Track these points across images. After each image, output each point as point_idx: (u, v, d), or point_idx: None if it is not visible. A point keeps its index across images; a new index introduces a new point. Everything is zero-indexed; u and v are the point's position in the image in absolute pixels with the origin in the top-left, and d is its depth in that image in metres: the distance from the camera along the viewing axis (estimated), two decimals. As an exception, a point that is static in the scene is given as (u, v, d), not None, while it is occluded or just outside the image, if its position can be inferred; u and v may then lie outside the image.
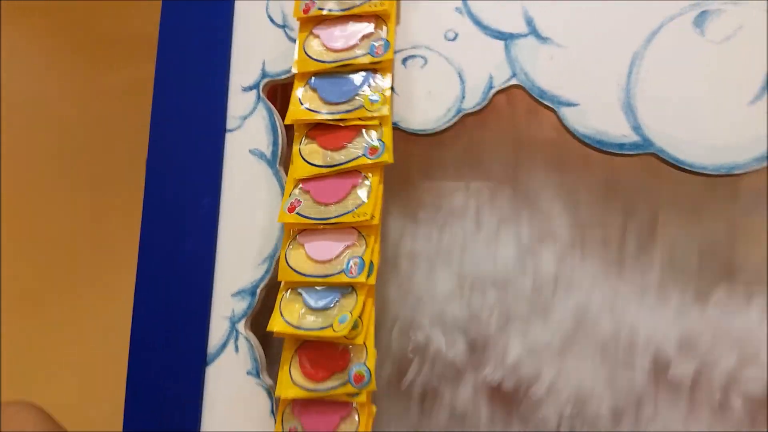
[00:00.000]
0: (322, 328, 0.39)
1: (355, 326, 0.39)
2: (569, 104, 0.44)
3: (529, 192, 0.48)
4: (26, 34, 1.32)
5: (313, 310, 0.41)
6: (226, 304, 0.47)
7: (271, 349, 0.48)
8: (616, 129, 0.43)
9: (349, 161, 0.42)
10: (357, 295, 0.40)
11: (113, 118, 1.26)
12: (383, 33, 0.44)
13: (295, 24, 0.48)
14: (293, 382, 0.42)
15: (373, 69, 0.44)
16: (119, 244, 1.18)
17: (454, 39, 0.46)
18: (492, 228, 0.49)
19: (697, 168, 0.42)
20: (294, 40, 0.48)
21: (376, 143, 0.42)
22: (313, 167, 0.43)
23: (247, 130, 0.48)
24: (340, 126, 0.43)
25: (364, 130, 0.43)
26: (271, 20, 0.49)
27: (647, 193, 0.47)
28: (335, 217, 0.41)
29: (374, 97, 0.43)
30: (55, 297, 1.24)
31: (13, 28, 1.32)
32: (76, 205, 1.27)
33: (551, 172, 0.48)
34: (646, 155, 0.42)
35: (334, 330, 0.39)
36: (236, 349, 0.46)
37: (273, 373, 0.46)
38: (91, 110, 1.28)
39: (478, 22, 0.46)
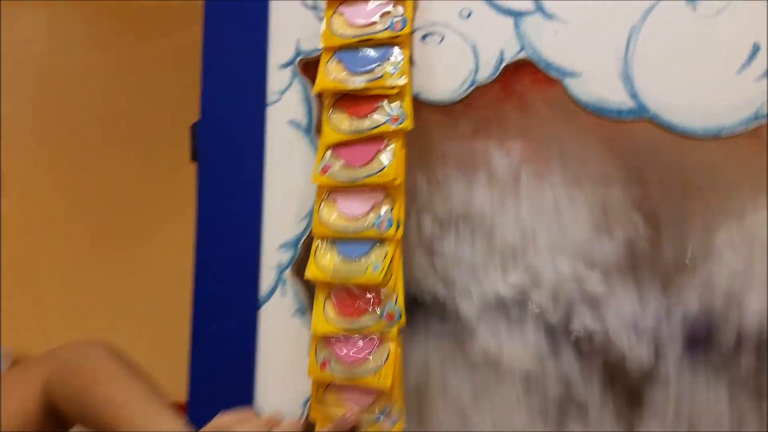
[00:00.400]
0: (357, 275, 0.47)
1: (386, 273, 0.46)
2: (573, 75, 0.49)
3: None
4: (70, 4, 1.38)
5: (347, 259, 0.48)
6: (273, 256, 0.54)
7: (312, 293, 0.55)
8: (615, 96, 0.48)
9: (374, 128, 0.49)
10: (386, 246, 0.47)
11: (156, 84, 1.34)
12: (401, 10, 0.50)
13: (324, 6, 0.53)
14: (327, 319, 0.50)
15: (392, 43, 0.49)
16: (169, 201, 1.27)
17: (468, 17, 0.51)
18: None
19: (688, 131, 0.47)
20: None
21: (397, 112, 0.48)
22: (341, 134, 0.50)
23: (285, 103, 0.55)
24: (365, 96, 0.49)
25: (386, 100, 0.49)
26: (303, 3, 0.54)
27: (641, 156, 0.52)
28: (363, 178, 0.48)
29: (393, 69, 0.48)
30: (117, 250, 1.35)
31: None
32: (127, 167, 1.35)
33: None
34: (641, 120, 0.47)
35: (368, 277, 0.46)
36: (283, 293, 0.54)
37: (314, 313, 0.53)
38: (134, 77, 1.35)
39: (489, 1, 0.51)
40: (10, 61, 1.38)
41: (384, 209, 0.47)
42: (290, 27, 0.54)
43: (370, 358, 0.47)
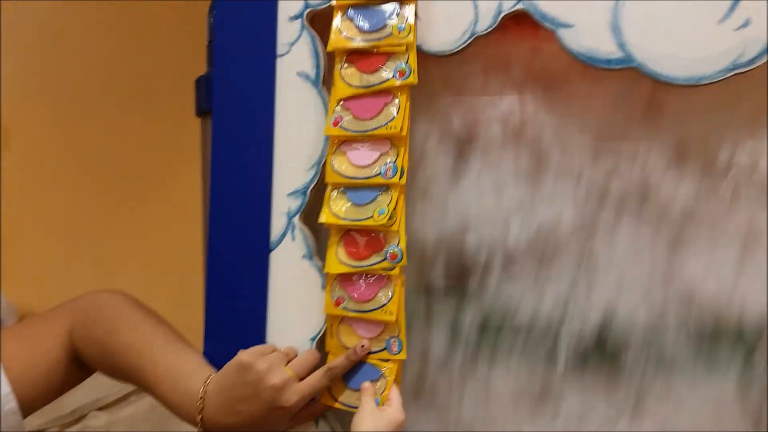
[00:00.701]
0: (365, 219, 0.50)
1: (390, 217, 0.50)
2: (566, 26, 0.52)
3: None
4: None
5: (356, 205, 0.52)
6: (283, 203, 0.58)
7: (319, 238, 0.59)
8: (604, 47, 0.51)
9: (382, 83, 0.51)
10: (392, 192, 0.50)
11: (158, 38, 1.34)
12: (407, -30, 0.52)
13: (332, -39, 0.55)
14: (339, 260, 0.54)
15: (399, 0, 0.52)
16: (172, 154, 1.29)
17: (467, -31, 0.53)
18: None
19: (671, 79, 0.50)
20: (331, -25, 0.56)
21: (403, 67, 0.51)
22: (352, 88, 0.53)
23: (295, 55, 0.57)
24: (374, 52, 0.52)
25: (393, 56, 0.51)
26: (311, -42, 0.56)
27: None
28: (371, 129, 0.51)
29: (401, 26, 0.51)
30: (122, 204, 1.37)
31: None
32: (130, 122, 1.36)
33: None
34: (628, 69, 0.51)
35: (375, 220, 0.49)
36: (293, 238, 0.58)
37: (322, 256, 0.57)
38: (135, 31, 1.35)
39: (488, -46, 0.53)
40: (11, 17, 1.37)
41: (389, 158, 0.51)
42: (298, -20, 0.57)
43: (379, 295, 0.51)
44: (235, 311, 0.59)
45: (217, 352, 0.57)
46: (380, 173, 0.51)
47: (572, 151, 0.56)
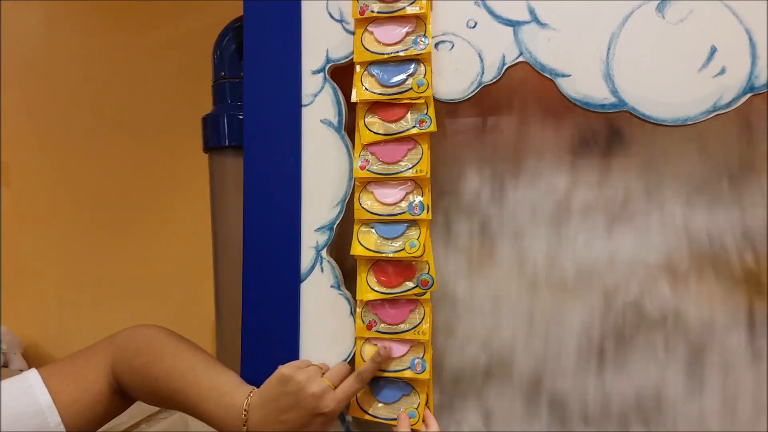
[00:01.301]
0: (397, 251, 0.56)
1: (421, 248, 0.56)
2: (563, 75, 0.58)
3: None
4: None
5: (386, 238, 0.58)
6: (312, 237, 0.63)
7: (344, 269, 0.64)
8: (598, 93, 0.58)
9: (404, 131, 0.58)
10: (419, 227, 0.56)
11: (154, 75, 1.37)
12: (423, 30, 0.58)
13: (350, 19, 0.61)
14: (371, 288, 0.59)
15: (417, 59, 0.58)
16: (172, 189, 1.31)
17: (474, 27, 0.60)
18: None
19: (660, 121, 0.57)
20: (350, 33, 0.62)
21: (424, 117, 0.57)
22: (377, 135, 0.59)
23: (318, 104, 0.63)
24: (395, 103, 0.58)
25: (413, 107, 0.58)
26: (331, 16, 0.63)
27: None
28: (399, 173, 0.57)
29: (420, 81, 0.57)
30: (120, 239, 1.38)
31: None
32: (128, 157, 1.38)
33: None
34: (621, 112, 0.57)
35: (407, 252, 0.55)
36: (322, 269, 0.63)
37: (348, 286, 0.63)
38: (132, 68, 1.38)
39: (492, 13, 0.59)
40: (9, 55, 1.40)
41: (415, 197, 0.57)
42: (320, 38, 0.62)
43: (411, 317, 0.57)
44: (269, 338, 0.64)
45: (254, 377, 0.62)
46: (407, 210, 0.57)
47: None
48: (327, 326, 0.63)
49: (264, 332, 0.64)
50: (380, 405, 0.59)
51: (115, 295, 1.38)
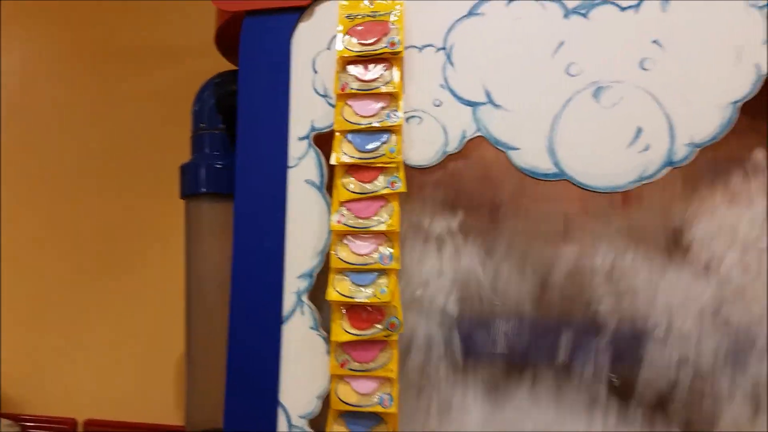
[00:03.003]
0: (368, 297, 0.65)
1: (390, 294, 0.64)
2: (514, 148, 0.68)
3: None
4: (40, 43, 1.44)
5: (358, 285, 0.66)
6: (294, 283, 0.71)
7: (322, 312, 0.72)
8: (543, 165, 0.67)
9: (377, 191, 0.67)
10: (389, 275, 0.65)
11: (129, 124, 1.42)
12: (396, 106, 0.68)
13: (333, 94, 0.71)
14: (344, 330, 0.67)
15: (390, 130, 0.68)
16: (146, 235, 1.36)
17: (439, 105, 0.70)
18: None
19: (594, 188, 0.67)
20: (332, 106, 0.71)
21: (395, 179, 0.66)
22: (352, 193, 0.68)
23: (303, 166, 0.72)
24: (370, 166, 0.68)
25: (386, 170, 0.67)
26: (316, 92, 0.72)
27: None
28: (371, 227, 0.66)
29: (392, 149, 0.67)
30: (97, 284, 1.39)
31: (27, 37, 1.44)
32: (104, 202, 1.40)
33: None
34: (562, 181, 0.67)
35: (378, 298, 0.64)
36: (302, 312, 0.71)
37: (326, 327, 0.70)
38: (109, 116, 1.43)
39: (454, 94, 0.70)
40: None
41: (386, 248, 0.66)
42: (306, 110, 0.72)
43: (380, 356, 0.65)
44: (253, 375, 0.71)
45: (237, 410, 0.69)
46: (378, 260, 0.65)
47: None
48: (306, 364, 0.70)
49: (248, 369, 0.71)
50: None
51: (88, 334, 1.37)
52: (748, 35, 0.64)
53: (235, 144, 0.91)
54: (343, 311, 0.68)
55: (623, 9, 0.67)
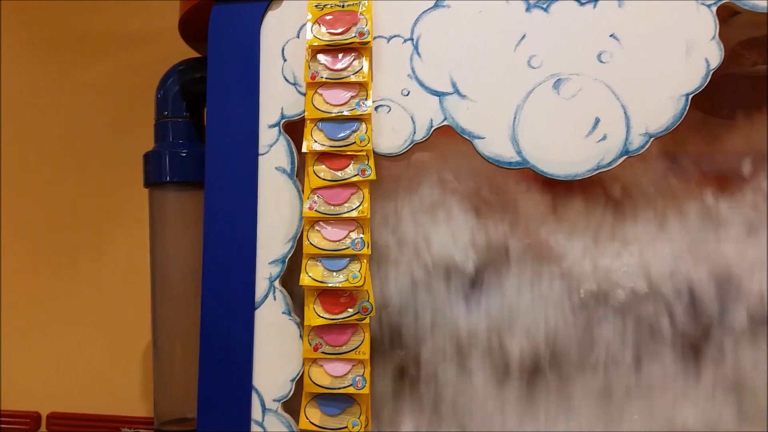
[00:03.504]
0: (341, 282, 0.66)
1: (362, 279, 0.66)
2: (479, 137, 0.71)
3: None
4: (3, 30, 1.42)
5: (330, 270, 0.68)
6: (266, 269, 0.73)
7: (294, 298, 0.74)
8: (506, 153, 0.70)
9: (348, 178, 0.68)
10: (360, 260, 0.67)
11: (90, 110, 1.41)
12: (365, 95, 0.70)
13: (302, 83, 0.72)
14: (317, 314, 0.69)
15: (360, 119, 0.70)
16: (107, 224, 1.34)
17: (407, 95, 0.72)
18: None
19: (554, 176, 0.70)
20: (302, 94, 0.73)
21: (365, 166, 0.68)
22: (324, 181, 0.69)
23: (273, 154, 0.73)
24: (340, 154, 0.69)
25: (356, 158, 0.69)
26: (286, 79, 0.73)
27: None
28: (343, 213, 0.68)
29: (362, 137, 0.69)
30: (58, 273, 1.37)
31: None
32: (66, 191, 1.39)
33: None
34: (524, 169, 0.70)
35: (350, 282, 0.65)
36: (274, 298, 0.72)
37: (298, 312, 0.72)
38: (68, 103, 1.41)
39: (422, 84, 0.72)
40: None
41: (357, 234, 0.67)
42: (276, 97, 0.73)
43: (352, 339, 0.67)
44: (226, 360, 0.72)
45: (211, 394, 0.71)
46: (350, 246, 0.67)
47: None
48: (278, 349, 0.72)
49: (221, 354, 0.72)
50: (327, 417, 0.68)
51: (50, 326, 1.36)
52: (699, 31, 0.68)
53: (198, 132, 0.93)
54: (316, 296, 0.69)
55: (582, 4, 0.70)
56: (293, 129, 0.73)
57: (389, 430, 0.74)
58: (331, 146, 0.69)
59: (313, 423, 0.68)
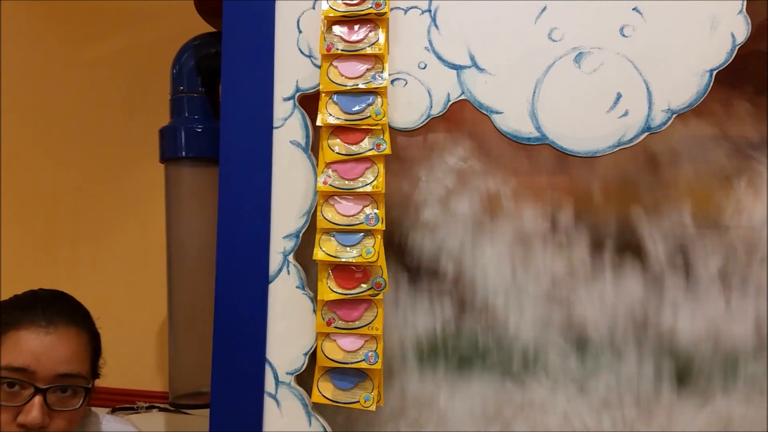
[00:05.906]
0: (354, 257, 0.66)
1: (376, 255, 0.66)
2: (497, 112, 0.69)
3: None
4: (12, 5, 1.41)
5: (344, 245, 0.67)
6: (280, 243, 0.72)
7: (308, 272, 0.73)
8: (525, 128, 0.69)
9: (363, 152, 0.68)
10: (375, 236, 0.66)
11: (104, 85, 1.40)
12: (381, 68, 0.69)
13: (318, 55, 0.71)
14: (330, 289, 0.68)
15: (375, 92, 0.68)
16: (120, 199, 1.34)
17: (424, 68, 0.71)
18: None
19: (574, 153, 0.69)
20: (317, 66, 0.71)
21: (380, 141, 0.67)
22: (338, 155, 0.68)
23: (288, 127, 0.72)
24: (356, 128, 0.68)
25: (371, 132, 0.68)
26: (301, 51, 0.72)
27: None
28: (357, 188, 0.67)
29: (378, 111, 0.68)
30: (70, 249, 1.38)
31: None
32: (76, 166, 1.39)
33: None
34: (543, 145, 0.69)
35: (364, 258, 0.65)
36: (288, 272, 0.72)
37: (311, 286, 0.72)
38: (82, 78, 1.41)
39: (439, 57, 0.70)
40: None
41: (372, 209, 0.67)
42: (291, 70, 0.72)
43: (366, 314, 0.67)
44: (240, 333, 0.72)
45: (225, 367, 0.71)
46: (364, 221, 0.67)
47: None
48: (292, 322, 0.72)
49: (235, 328, 0.73)
50: (339, 391, 0.68)
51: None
52: (725, 5, 0.66)
53: (214, 108, 0.92)
54: (330, 271, 0.69)
55: (606, -25, 0.68)
56: (308, 102, 0.72)
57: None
58: (346, 120, 0.69)
59: (325, 396, 0.68)
